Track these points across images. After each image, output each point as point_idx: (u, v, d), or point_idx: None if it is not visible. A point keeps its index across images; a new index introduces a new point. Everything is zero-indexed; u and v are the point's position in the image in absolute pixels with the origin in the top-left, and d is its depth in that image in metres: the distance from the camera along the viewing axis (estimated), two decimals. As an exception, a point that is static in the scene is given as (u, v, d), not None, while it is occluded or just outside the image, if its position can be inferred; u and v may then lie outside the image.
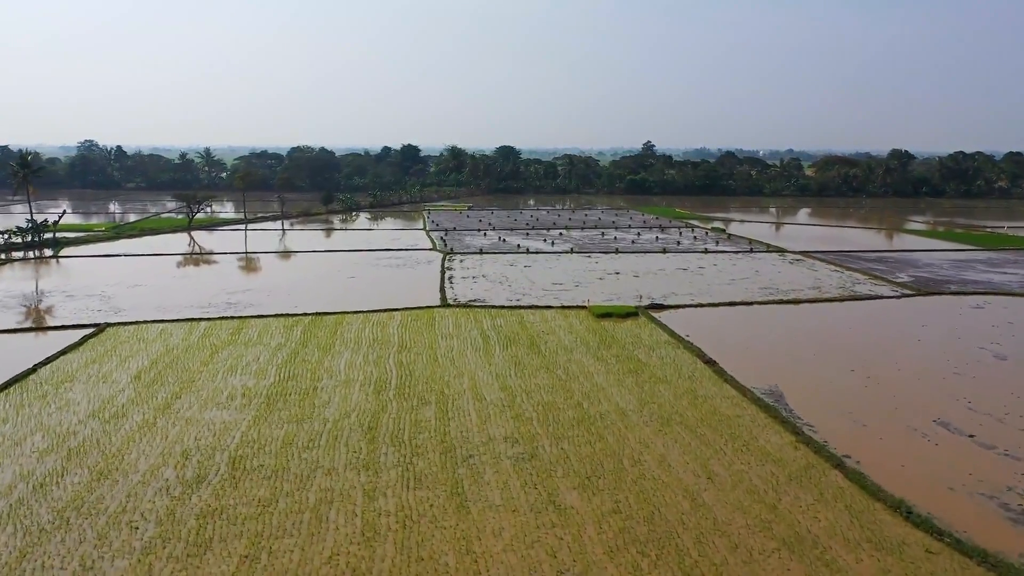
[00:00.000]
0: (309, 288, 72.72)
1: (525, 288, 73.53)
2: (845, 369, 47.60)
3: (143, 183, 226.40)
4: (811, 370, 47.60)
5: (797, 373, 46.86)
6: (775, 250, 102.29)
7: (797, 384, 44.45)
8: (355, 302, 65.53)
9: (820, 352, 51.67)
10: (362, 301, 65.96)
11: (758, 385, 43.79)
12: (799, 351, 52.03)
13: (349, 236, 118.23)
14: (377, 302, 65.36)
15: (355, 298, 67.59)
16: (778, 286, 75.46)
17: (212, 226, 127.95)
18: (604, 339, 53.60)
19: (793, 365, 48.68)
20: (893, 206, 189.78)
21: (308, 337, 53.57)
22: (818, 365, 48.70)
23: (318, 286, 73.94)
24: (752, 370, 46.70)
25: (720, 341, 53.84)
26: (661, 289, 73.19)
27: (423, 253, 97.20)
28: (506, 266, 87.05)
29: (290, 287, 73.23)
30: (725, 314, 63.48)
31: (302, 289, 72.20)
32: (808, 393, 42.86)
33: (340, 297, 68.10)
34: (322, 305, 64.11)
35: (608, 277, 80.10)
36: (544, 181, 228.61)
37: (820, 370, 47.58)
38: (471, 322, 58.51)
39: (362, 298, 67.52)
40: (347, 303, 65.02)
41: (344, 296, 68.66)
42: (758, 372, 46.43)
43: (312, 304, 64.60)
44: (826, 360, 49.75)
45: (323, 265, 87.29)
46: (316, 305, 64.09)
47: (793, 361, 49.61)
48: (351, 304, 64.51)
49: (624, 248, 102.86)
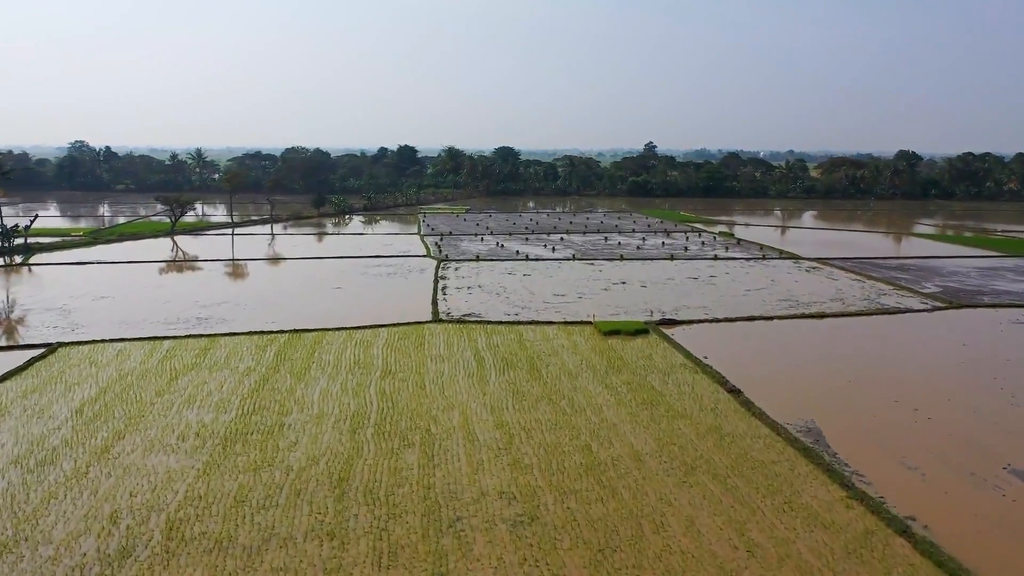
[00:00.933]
0: (290, 300, 67.04)
1: (524, 300, 67.88)
2: (887, 399, 41.95)
3: (132, 185, 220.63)
4: (849, 400, 41.94)
5: (834, 404, 41.19)
6: (788, 256, 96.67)
7: (836, 418, 38.81)
8: (338, 317, 59.87)
9: (856, 377, 46.00)
10: (346, 316, 60.31)
11: (792, 420, 38.15)
12: (832, 376, 46.35)
13: (339, 241, 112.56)
14: (362, 317, 59.71)
15: (339, 312, 61.93)
16: (798, 297, 69.82)
17: (197, 230, 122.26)
18: (612, 362, 47.93)
19: (828, 394, 43.00)
20: (902, 208, 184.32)
21: (282, 359, 47.89)
22: (856, 394, 43.04)
23: (300, 298, 68.25)
24: (783, 400, 41.07)
25: (742, 364, 48.19)
26: (671, 301, 67.54)
27: (416, 260, 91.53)
28: (504, 275, 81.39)
29: (270, 299, 67.55)
30: (744, 331, 57.84)
31: (282, 301, 66.53)
32: (850, 430, 37.22)
33: (322, 311, 62.45)
34: (302, 320, 58.46)
35: (614, 287, 74.44)
36: (544, 183, 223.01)
37: (859, 400, 41.92)
38: (464, 341, 52.85)
39: (346, 312, 61.87)
40: (329, 318, 59.36)
41: (327, 310, 62.99)
42: (790, 403, 40.79)
43: (291, 319, 58.95)
44: (864, 387, 44.09)
45: (308, 274, 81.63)
46: (295, 320, 58.44)
47: (827, 389, 43.93)
48: (334, 319, 58.85)
49: (629, 254, 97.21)
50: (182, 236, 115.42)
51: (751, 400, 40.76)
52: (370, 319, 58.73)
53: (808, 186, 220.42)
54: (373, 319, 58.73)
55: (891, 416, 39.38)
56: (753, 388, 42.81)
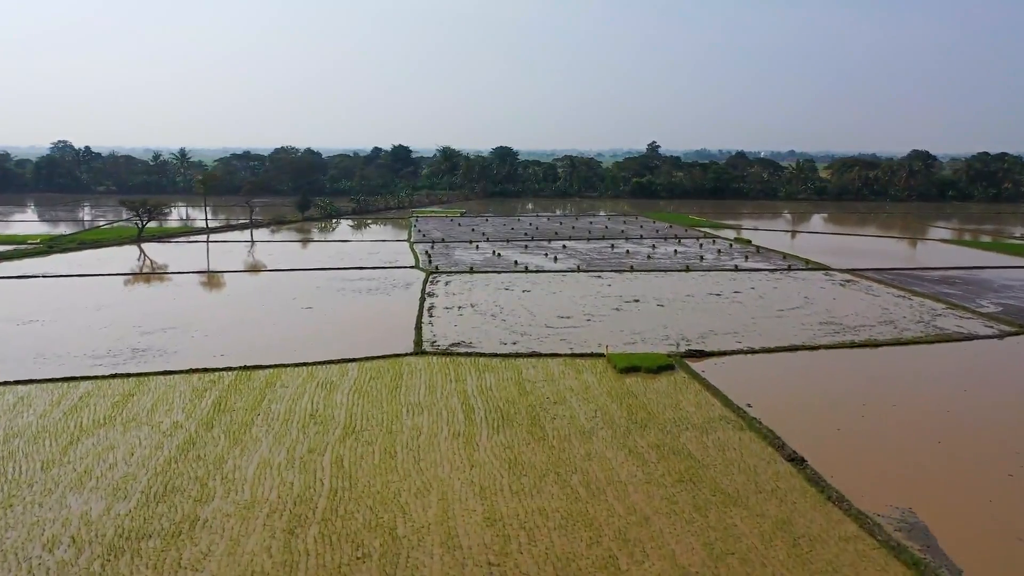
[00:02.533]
0: (249, 324, 57.36)
1: (523, 323, 58.26)
2: (998, 471, 32.34)
3: (113, 187, 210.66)
4: (950, 473, 32.32)
5: (932, 480, 31.56)
6: (816, 267, 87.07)
7: (940, 503, 29.19)
8: (302, 347, 50.22)
9: (946, 436, 36.38)
10: (311, 346, 50.66)
11: (883, 509, 28.52)
12: (915, 434, 36.68)
13: (321, 250, 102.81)
14: (330, 347, 50.07)
15: (303, 340, 52.28)
16: (840, 319, 60.23)
17: (168, 236, 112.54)
18: (634, 412, 38.31)
19: (920, 464, 33.30)
20: (918, 211, 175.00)
21: (220, 410, 38.24)
22: (955, 462, 33.43)
23: (262, 321, 58.56)
24: (862, 474, 31.47)
25: (796, 414, 38.61)
26: (695, 324, 57.94)
27: (402, 272, 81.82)
28: (500, 290, 71.73)
29: (226, 322, 57.85)
30: (787, 364, 48.26)
31: (240, 326, 56.84)
32: (965, 526, 27.61)
33: (285, 339, 52.79)
34: (257, 352, 48.82)
35: (626, 307, 64.81)
36: (543, 184, 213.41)
37: (961, 472, 32.32)
38: (450, 382, 43.20)
39: (313, 341, 52.22)
40: (291, 349, 49.71)
41: (290, 338, 53.33)
42: (872, 478, 31.19)
43: (245, 350, 49.30)
44: (962, 450, 34.49)
45: (279, 289, 71.92)
46: (250, 352, 48.79)
47: (916, 455, 34.21)
48: (296, 351, 49.20)
49: (639, 265, 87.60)
50: (150, 244, 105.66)
51: (821, 475, 31.12)
52: (339, 350, 49.07)
53: (819, 187, 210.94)
54: (343, 350, 49.07)
55: (1014, 499, 29.77)
56: (820, 454, 33.20)
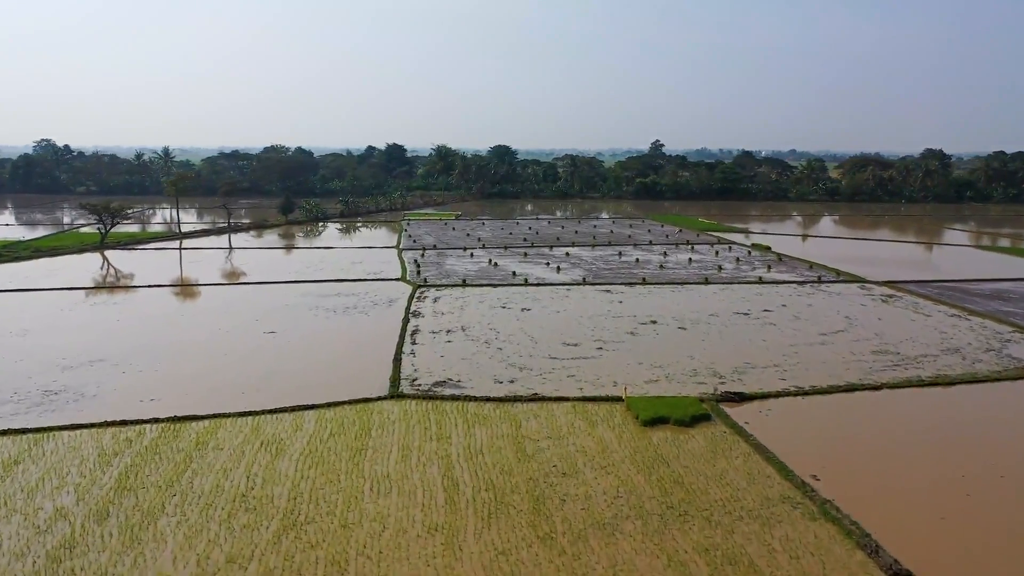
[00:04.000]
0: (197, 356, 48.24)
1: (523, 352, 49.21)
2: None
3: (94, 187, 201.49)
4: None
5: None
6: (849, 278, 78.03)
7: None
8: (253, 388, 41.20)
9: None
10: (264, 385, 41.63)
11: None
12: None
13: (300, 258, 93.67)
14: (288, 388, 41.05)
15: (256, 378, 43.20)
16: (895, 347, 51.21)
17: (136, 243, 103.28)
18: (669, 491, 29.27)
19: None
20: (935, 212, 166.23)
21: (126, 487, 29.20)
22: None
23: (212, 351, 49.46)
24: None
25: (881, 492, 29.60)
26: (726, 354, 48.90)
27: (387, 286, 72.68)
28: (496, 309, 62.66)
29: (169, 352, 48.74)
30: (848, 410, 39.22)
31: (185, 357, 47.73)
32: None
33: (234, 377, 43.69)
34: (197, 395, 39.79)
35: (642, 330, 55.75)
36: (543, 184, 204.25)
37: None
38: (431, 440, 34.17)
39: (267, 379, 43.15)
40: (238, 391, 40.66)
41: (241, 375, 44.22)
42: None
43: (182, 393, 40.26)
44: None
45: (243, 307, 62.84)
46: (186, 395, 39.76)
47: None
48: (244, 393, 40.17)
49: (652, 276, 78.53)
50: (114, 251, 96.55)
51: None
52: (298, 392, 40.04)
53: (831, 188, 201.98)
54: (302, 392, 40.03)
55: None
56: (928, 562, 24.19)
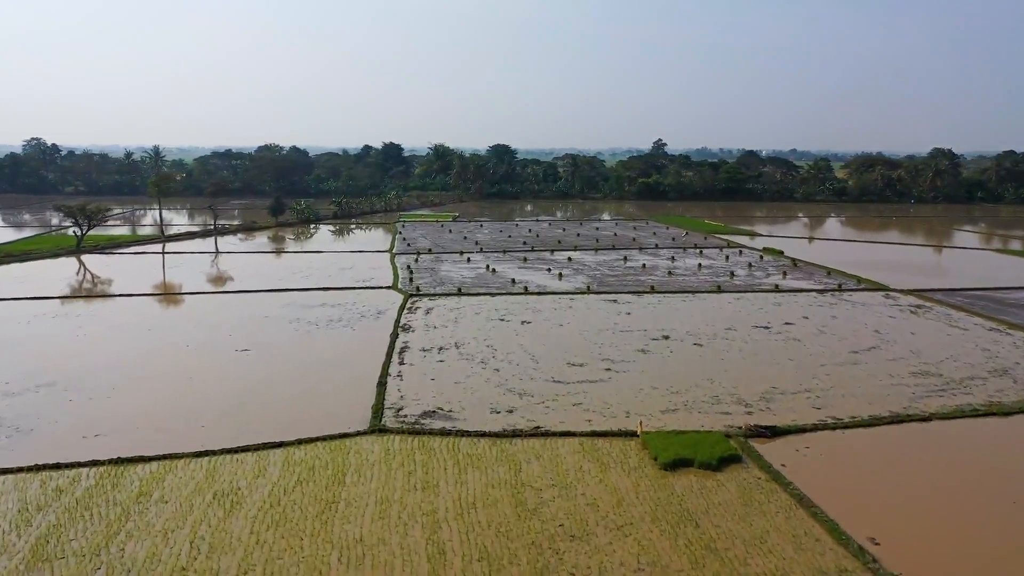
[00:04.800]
0: (156, 378, 43.10)
1: (523, 374, 44.12)
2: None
3: (83, 187, 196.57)
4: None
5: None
6: (871, 286, 72.93)
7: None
8: (214, 420, 36.11)
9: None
10: (227, 417, 36.55)
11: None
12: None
13: (287, 263, 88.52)
14: (253, 419, 35.98)
15: (220, 406, 38.10)
16: (935, 366, 46.13)
17: (115, 246, 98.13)
18: (698, 559, 24.16)
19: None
20: (945, 213, 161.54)
21: (42, 556, 24.09)
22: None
23: (175, 373, 44.28)
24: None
25: (956, 561, 24.54)
26: (750, 376, 43.81)
27: (376, 296, 67.58)
28: (494, 321, 57.58)
29: (127, 374, 43.57)
30: (898, 447, 34.13)
31: (143, 380, 42.59)
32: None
33: (195, 404, 38.57)
34: (148, 428, 34.70)
35: (654, 347, 50.65)
36: (543, 184, 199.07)
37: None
38: (415, 490, 29.07)
39: (232, 408, 38.04)
40: (196, 424, 35.57)
41: (204, 401, 39.10)
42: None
43: (132, 426, 35.17)
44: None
45: (218, 319, 57.74)
46: (138, 429, 34.67)
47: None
48: (203, 427, 35.10)
49: (660, 284, 73.44)
50: (91, 255, 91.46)
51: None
52: (265, 425, 34.96)
53: (838, 188, 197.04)
54: (270, 425, 34.95)
55: None
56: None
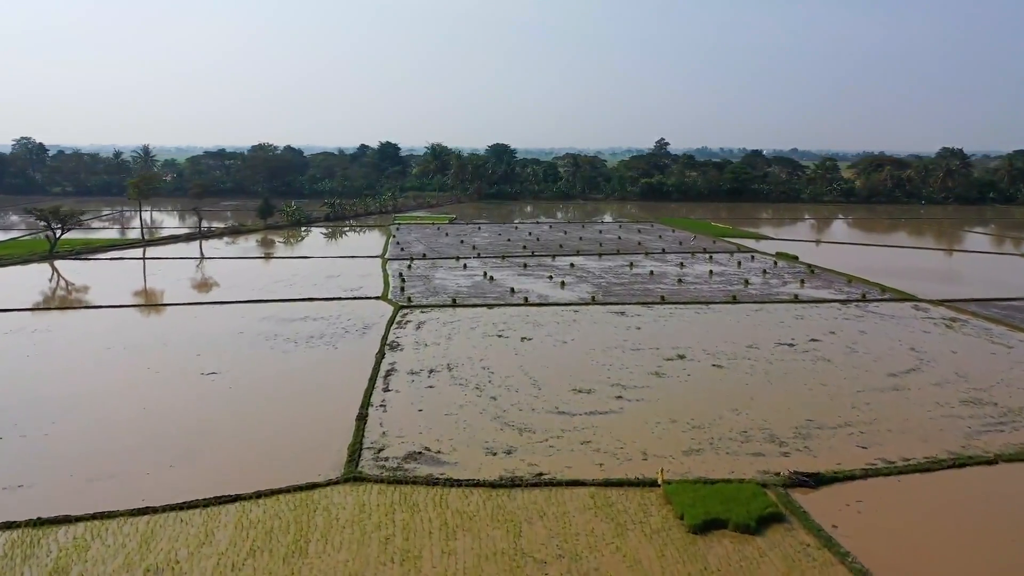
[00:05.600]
0: (104, 411, 37.86)
1: (523, 403, 38.95)
2: None
3: (70, 188, 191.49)
4: None
5: None
6: (898, 295, 67.77)
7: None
8: (161, 465, 30.90)
9: None
10: (179, 460, 31.34)
11: None
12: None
13: (272, 269, 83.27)
14: (208, 464, 30.80)
15: (172, 447, 32.84)
16: (986, 392, 40.98)
17: (92, 251, 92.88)
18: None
19: None
20: (956, 215, 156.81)
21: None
22: None
23: (127, 404, 38.99)
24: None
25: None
26: (781, 407, 38.63)
27: (364, 307, 62.37)
28: (491, 337, 52.37)
29: (69, 407, 38.29)
30: (963, 496, 29.01)
31: (88, 415, 37.37)
32: None
33: (142, 445, 33.31)
34: (82, 478, 29.53)
35: (668, 368, 45.47)
36: (543, 185, 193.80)
37: None
38: (392, 562, 23.89)
39: (185, 448, 32.80)
40: (139, 470, 30.37)
41: (152, 441, 33.81)
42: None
43: (65, 474, 29.98)
44: None
45: (187, 335, 52.54)
46: (70, 479, 29.49)
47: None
48: (147, 474, 29.89)
49: (671, 293, 68.24)
50: (65, 261, 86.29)
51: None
52: (221, 471, 29.79)
53: (846, 188, 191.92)
54: (227, 471, 29.79)
55: None
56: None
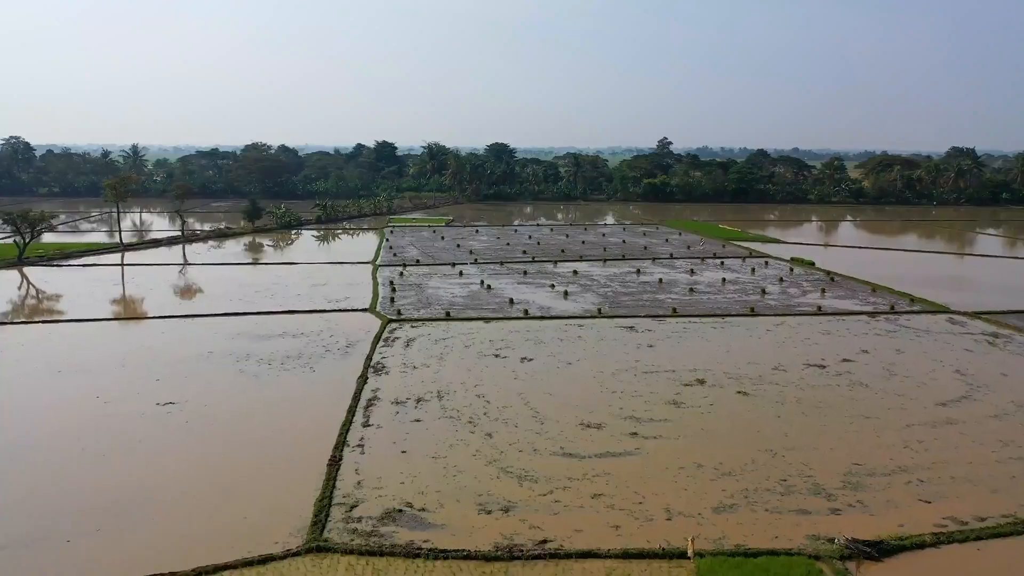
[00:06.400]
0: (35, 453, 32.53)
1: (523, 442, 33.67)
2: None
3: (57, 188, 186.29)
4: None
5: None
6: (928, 307, 62.46)
7: None
8: (84, 530, 25.63)
9: None
10: (108, 522, 26.06)
11: None
12: None
13: (252, 277, 77.74)
14: (141, 530, 25.51)
15: (100, 508, 27.56)
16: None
17: (66, 257, 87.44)
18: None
19: None
20: (969, 216, 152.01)
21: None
22: None
23: (63, 449, 33.62)
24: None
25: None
26: (823, 447, 33.35)
27: (349, 321, 57.05)
28: (487, 358, 47.09)
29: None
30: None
31: (14, 458, 32.09)
32: None
33: (71, 500, 28.03)
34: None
35: (688, 396, 40.19)
36: (544, 185, 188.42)
37: None
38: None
39: (118, 508, 27.51)
40: (57, 539, 25.08)
41: (84, 494, 28.51)
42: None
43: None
44: None
45: (147, 357, 47.22)
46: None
47: None
48: (67, 542, 24.62)
49: (682, 303, 62.96)
50: (36, 268, 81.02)
51: None
52: (151, 545, 24.49)
53: (855, 189, 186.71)
54: (161, 542, 24.50)
55: None
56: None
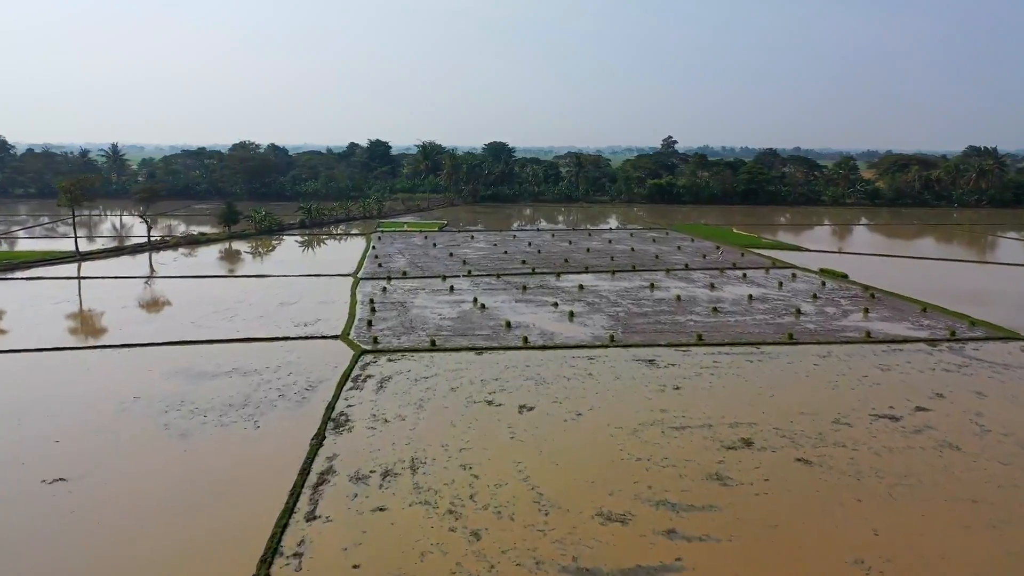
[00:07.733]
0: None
1: (520, 547, 24.75)
2: None
3: (33, 189, 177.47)
4: None
5: None
6: (996, 331, 53.50)
7: None
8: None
9: None
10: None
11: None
12: None
13: (213, 293, 68.49)
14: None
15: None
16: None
17: (11, 268, 78.48)
18: None
19: None
20: (991, 219, 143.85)
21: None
22: None
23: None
24: None
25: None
26: (920, 548, 24.50)
27: (316, 352, 48.01)
28: (478, 405, 38.11)
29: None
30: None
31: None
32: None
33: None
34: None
35: (733, 465, 31.26)
36: (544, 186, 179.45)
37: None
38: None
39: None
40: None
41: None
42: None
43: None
44: None
45: (52, 407, 38.25)
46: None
47: None
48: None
49: (707, 327, 54.00)
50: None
51: None
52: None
53: (871, 191, 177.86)
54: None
55: None
56: None
